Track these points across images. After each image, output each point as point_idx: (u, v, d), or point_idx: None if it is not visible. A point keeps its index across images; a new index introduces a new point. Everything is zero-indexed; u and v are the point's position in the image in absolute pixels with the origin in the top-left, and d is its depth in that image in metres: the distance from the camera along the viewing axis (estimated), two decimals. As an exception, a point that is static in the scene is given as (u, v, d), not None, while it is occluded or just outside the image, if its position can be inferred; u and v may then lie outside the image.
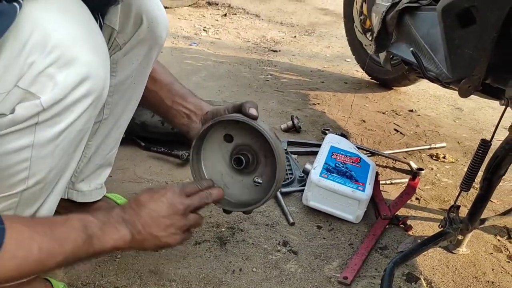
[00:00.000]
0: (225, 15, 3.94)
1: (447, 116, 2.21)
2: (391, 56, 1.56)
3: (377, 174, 1.49)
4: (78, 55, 0.62)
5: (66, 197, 1.12)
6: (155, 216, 0.81)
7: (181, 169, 1.55)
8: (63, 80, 0.61)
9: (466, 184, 1.11)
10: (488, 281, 1.14)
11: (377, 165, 1.69)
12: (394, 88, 2.47)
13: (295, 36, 3.53)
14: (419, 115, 2.20)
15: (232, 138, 0.96)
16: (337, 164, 1.40)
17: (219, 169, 0.98)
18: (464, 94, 1.03)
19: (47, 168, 0.69)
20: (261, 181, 0.97)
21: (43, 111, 0.62)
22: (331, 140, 1.55)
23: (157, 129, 1.58)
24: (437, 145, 1.84)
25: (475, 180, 1.11)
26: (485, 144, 1.06)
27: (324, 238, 1.27)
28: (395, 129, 2.02)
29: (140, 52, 0.99)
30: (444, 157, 1.77)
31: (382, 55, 1.58)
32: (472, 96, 1.14)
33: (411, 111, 2.23)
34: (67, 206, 1.10)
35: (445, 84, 1.14)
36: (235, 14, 4.02)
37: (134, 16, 0.95)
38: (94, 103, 0.68)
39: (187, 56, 2.84)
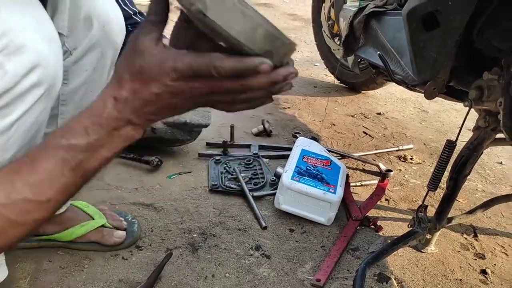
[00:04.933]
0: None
1: (414, 119, 2.27)
2: (359, 60, 1.59)
3: (347, 176, 1.51)
4: (27, 43, 0.60)
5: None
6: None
7: (151, 175, 1.52)
8: (12, 68, 0.59)
9: (433, 184, 1.13)
10: (457, 279, 1.17)
11: (347, 167, 1.71)
12: (362, 91, 2.52)
13: (264, 41, 3.54)
14: (386, 117, 2.24)
15: None
16: (308, 167, 1.41)
17: None
18: (429, 96, 1.06)
19: None
20: None
21: None
22: (302, 143, 1.56)
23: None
24: (405, 147, 1.89)
25: (442, 180, 1.14)
26: (450, 145, 1.09)
27: (296, 241, 1.27)
28: (364, 132, 2.05)
29: (93, 58, 0.94)
30: (411, 159, 1.81)
31: (351, 59, 1.60)
32: (437, 98, 1.17)
33: (379, 114, 2.28)
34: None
35: (411, 87, 1.17)
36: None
37: (83, 20, 0.90)
38: (46, 93, 0.65)
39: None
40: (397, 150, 1.88)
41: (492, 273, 1.20)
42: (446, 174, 1.13)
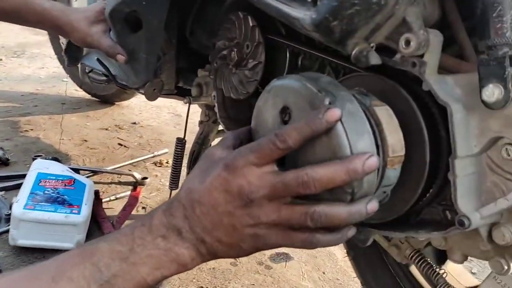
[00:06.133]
0: None
1: (168, 124, 2.32)
2: (90, 70, 1.51)
3: (97, 192, 1.41)
4: None
5: None
6: (210, 213, 0.50)
7: None
8: None
9: (173, 183, 1.15)
10: (210, 268, 1.22)
11: (102, 183, 1.62)
12: (116, 103, 2.44)
13: (1, 59, 3.10)
14: (142, 126, 2.23)
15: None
16: (46, 191, 1.26)
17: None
18: (150, 97, 1.06)
19: None
20: None
21: None
22: (39, 166, 1.39)
23: None
24: (160, 152, 1.90)
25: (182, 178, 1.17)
26: (180, 142, 1.12)
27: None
28: (119, 144, 1.98)
29: None
30: (167, 163, 1.84)
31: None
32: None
33: (134, 123, 2.25)
34: None
35: (135, 90, 1.15)
36: None
37: None
38: None
39: None
40: (152, 157, 1.88)
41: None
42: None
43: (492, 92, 0.48)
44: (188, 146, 1.20)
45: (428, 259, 0.69)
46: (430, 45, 0.52)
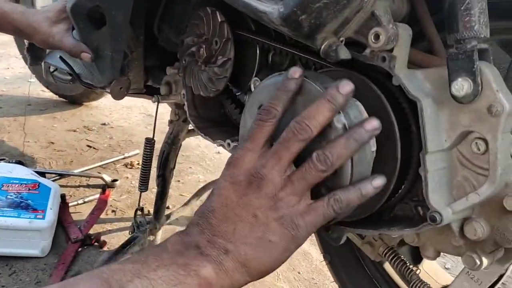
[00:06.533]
0: None
1: (139, 124, 2.27)
2: (55, 69, 1.45)
3: (64, 196, 1.36)
4: None
5: None
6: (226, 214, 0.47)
7: None
8: None
9: (143, 184, 1.12)
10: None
11: (69, 186, 1.56)
12: (85, 103, 2.37)
13: (-38, 59, 2.98)
14: (112, 127, 2.17)
15: None
16: (9, 196, 1.20)
17: None
18: (117, 96, 1.03)
19: None
20: None
21: None
22: (2, 170, 1.33)
23: None
24: (131, 153, 1.86)
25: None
26: (149, 142, 1.09)
27: (3, 286, 1.06)
28: (88, 145, 1.93)
29: None
30: (138, 164, 1.79)
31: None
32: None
33: (104, 124, 2.19)
34: None
35: (100, 89, 1.11)
36: None
37: None
38: None
39: None
40: (123, 158, 1.83)
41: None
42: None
43: (462, 86, 0.48)
44: (158, 146, 1.17)
45: (402, 256, 0.68)
46: (399, 39, 0.51)
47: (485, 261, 0.53)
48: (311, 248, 1.36)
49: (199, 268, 0.44)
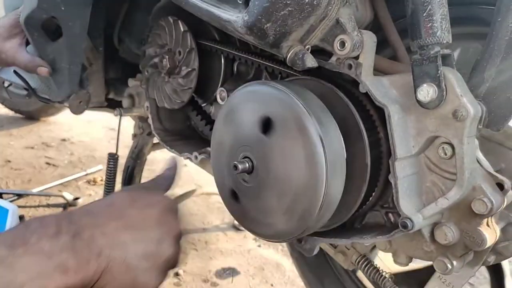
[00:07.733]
0: None
1: (102, 139, 2.20)
2: (9, 84, 1.38)
3: (22, 217, 1.29)
4: None
5: None
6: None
7: None
8: None
9: (107, 201, 1.07)
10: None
11: (28, 206, 1.49)
12: (42, 119, 2.28)
13: None
14: (72, 142, 2.09)
15: None
16: (-40, 220, 1.13)
17: None
18: (76, 110, 0.99)
19: None
20: None
21: None
22: (-48, 192, 1.24)
23: None
24: (93, 169, 1.79)
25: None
26: (112, 158, 1.05)
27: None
28: (47, 163, 1.85)
29: None
30: (101, 180, 1.73)
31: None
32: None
33: (64, 140, 2.11)
34: None
35: (58, 103, 1.07)
36: None
37: None
38: None
39: None
40: (85, 175, 1.76)
41: (184, 272, 1.24)
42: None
43: (427, 92, 0.48)
44: (122, 162, 1.13)
45: (375, 264, 0.68)
46: (364, 46, 0.51)
47: (456, 265, 0.53)
48: (284, 259, 1.35)
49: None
